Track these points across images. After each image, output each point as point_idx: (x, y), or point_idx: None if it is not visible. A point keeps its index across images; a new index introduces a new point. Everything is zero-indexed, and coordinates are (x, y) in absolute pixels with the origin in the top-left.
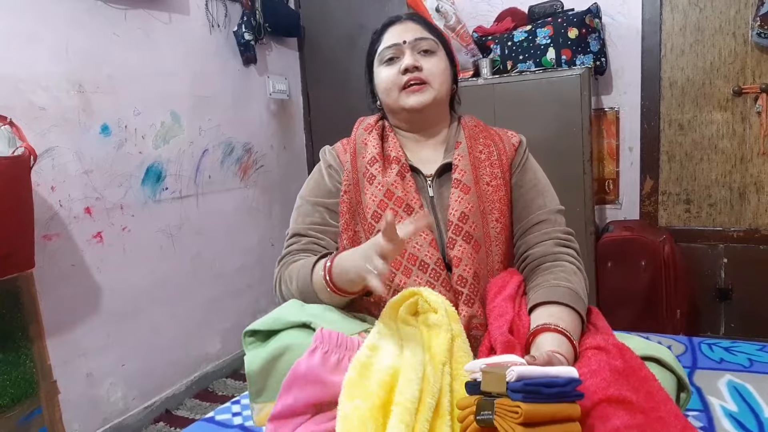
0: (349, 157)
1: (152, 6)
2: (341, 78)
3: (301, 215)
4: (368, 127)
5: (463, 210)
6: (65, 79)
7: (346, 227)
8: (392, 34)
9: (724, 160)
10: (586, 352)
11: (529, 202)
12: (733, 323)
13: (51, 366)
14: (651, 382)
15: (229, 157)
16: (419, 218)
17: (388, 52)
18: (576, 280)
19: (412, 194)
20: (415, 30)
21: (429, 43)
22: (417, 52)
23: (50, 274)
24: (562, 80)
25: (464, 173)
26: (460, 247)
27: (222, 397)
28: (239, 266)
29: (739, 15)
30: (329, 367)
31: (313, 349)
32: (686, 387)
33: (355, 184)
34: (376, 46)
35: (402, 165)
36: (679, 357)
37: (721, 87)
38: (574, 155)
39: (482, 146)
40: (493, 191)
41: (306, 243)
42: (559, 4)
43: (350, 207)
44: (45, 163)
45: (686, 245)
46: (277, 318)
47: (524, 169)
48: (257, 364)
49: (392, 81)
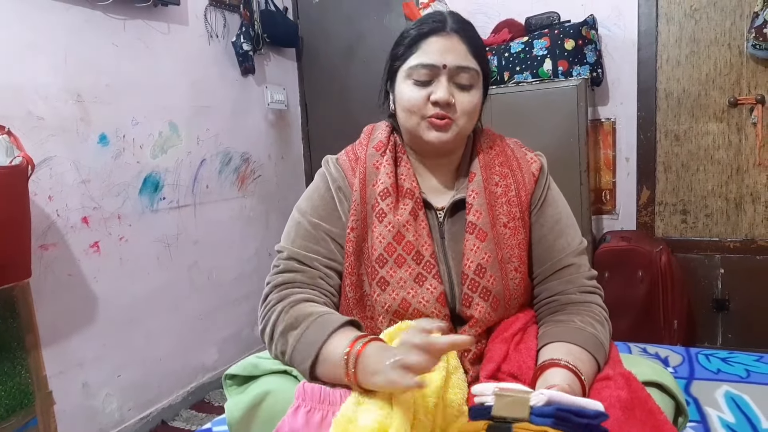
0: (358, 183)
1: (151, 16)
2: (339, 88)
3: (301, 237)
4: (380, 146)
5: (479, 262)
6: (64, 89)
7: (350, 271)
8: (432, 50)
9: (720, 170)
10: (594, 384)
11: (551, 243)
12: (730, 334)
13: (46, 376)
14: (657, 416)
15: (226, 167)
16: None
17: (422, 72)
18: (601, 329)
19: (424, 238)
20: (458, 52)
21: (470, 76)
22: (454, 82)
23: (47, 283)
24: (558, 91)
25: (480, 215)
26: (477, 306)
27: (218, 408)
28: (236, 276)
29: (735, 27)
30: (313, 427)
31: (296, 408)
32: (684, 412)
33: (363, 219)
34: (408, 52)
35: (416, 200)
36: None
37: (717, 98)
38: (570, 166)
39: (498, 177)
40: (511, 235)
41: (311, 276)
42: (555, 15)
43: (356, 248)
44: (42, 173)
45: (683, 255)
46: (256, 365)
47: (545, 204)
48: (238, 413)
49: (417, 107)
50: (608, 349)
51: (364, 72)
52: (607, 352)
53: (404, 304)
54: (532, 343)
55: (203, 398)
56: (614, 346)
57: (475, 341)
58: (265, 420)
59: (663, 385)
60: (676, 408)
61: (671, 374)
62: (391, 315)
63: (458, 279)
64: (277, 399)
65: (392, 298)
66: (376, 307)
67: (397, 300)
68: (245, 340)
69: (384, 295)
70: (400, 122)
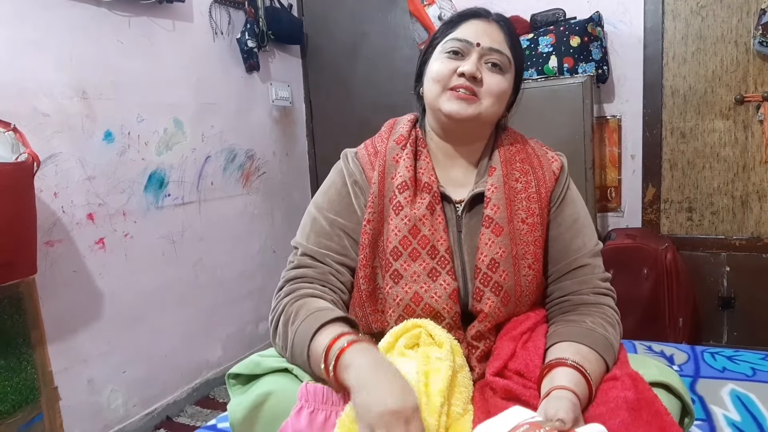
0: (377, 176)
1: (156, 13)
2: (344, 85)
3: (315, 232)
4: (401, 140)
5: (493, 256)
6: (69, 86)
7: (365, 263)
8: (469, 28)
9: (726, 168)
10: (601, 385)
11: (567, 242)
12: (735, 332)
13: (52, 372)
14: (663, 417)
15: (231, 163)
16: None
17: (456, 44)
18: (612, 332)
19: (440, 233)
20: (496, 37)
21: (502, 58)
22: (484, 62)
23: (52, 280)
24: (564, 88)
25: (497, 209)
26: (488, 300)
27: (223, 405)
28: (241, 273)
29: (741, 24)
30: (316, 428)
31: (299, 409)
32: (691, 412)
33: (380, 212)
34: (447, 31)
35: (433, 194)
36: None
37: (723, 95)
38: (576, 163)
39: (519, 173)
40: (528, 231)
41: (322, 272)
42: (561, 12)
43: (372, 240)
44: (48, 170)
45: (688, 253)
46: (258, 363)
47: (564, 203)
48: (240, 414)
49: (442, 75)
50: (618, 351)
51: (369, 68)
52: (617, 354)
53: (416, 298)
54: (540, 342)
55: (208, 394)
56: (622, 347)
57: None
58: (268, 421)
59: (670, 386)
60: (683, 409)
61: (677, 373)
62: (402, 309)
63: (472, 275)
64: (280, 399)
65: (404, 292)
66: (387, 300)
67: (409, 294)
68: (250, 337)
69: (396, 288)
70: (425, 96)
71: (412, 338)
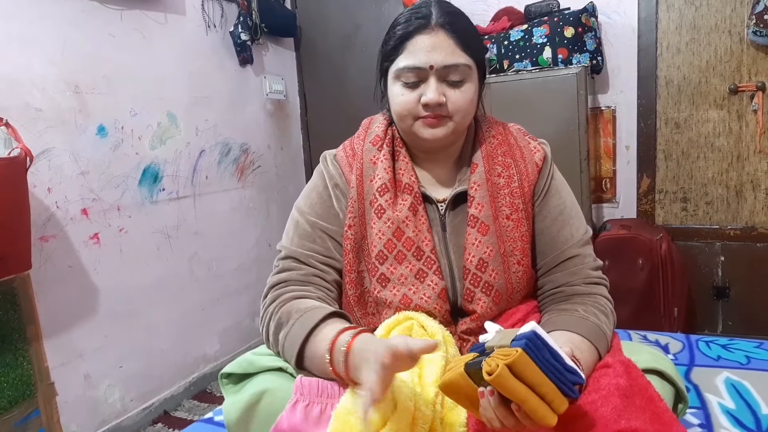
0: (355, 179)
1: (148, 6)
2: (338, 78)
3: (298, 235)
4: (377, 141)
5: (481, 256)
6: (61, 80)
7: (350, 269)
8: (418, 50)
9: (720, 158)
10: (593, 372)
11: (554, 234)
12: (730, 321)
13: (48, 367)
14: (656, 403)
15: (226, 157)
16: (427, 346)
17: (410, 75)
18: (605, 320)
19: (424, 234)
20: (445, 49)
21: (460, 71)
22: (444, 81)
23: (47, 275)
24: (558, 79)
25: (482, 207)
26: (480, 301)
27: (220, 399)
28: (237, 267)
29: (735, 13)
30: (312, 421)
31: (294, 403)
32: (684, 398)
33: (361, 216)
34: (395, 53)
35: (414, 195)
36: (676, 354)
37: (717, 85)
38: (570, 154)
39: (501, 167)
40: (514, 227)
41: (306, 274)
42: (555, 3)
43: (355, 245)
44: (41, 165)
45: (683, 243)
46: (251, 362)
47: (548, 194)
48: (235, 413)
49: (408, 110)
50: (611, 340)
51: (363, 60)
52: (610, 343)
53: (405, 300)
54: None
55: (205, 388)
56: (616, 335)
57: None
58: (263, 420)
59: (663, 372)
60: (676, 395)
61: (672, 361)
62: (392, 312)
63: (459, 273)
64: (274, 398)
65: (393, 295)
66: (378, 304)
67: (398, 296)
68: (246, 331)
69: (385, 291)
70: (397, 125)
71: (404, 330)
